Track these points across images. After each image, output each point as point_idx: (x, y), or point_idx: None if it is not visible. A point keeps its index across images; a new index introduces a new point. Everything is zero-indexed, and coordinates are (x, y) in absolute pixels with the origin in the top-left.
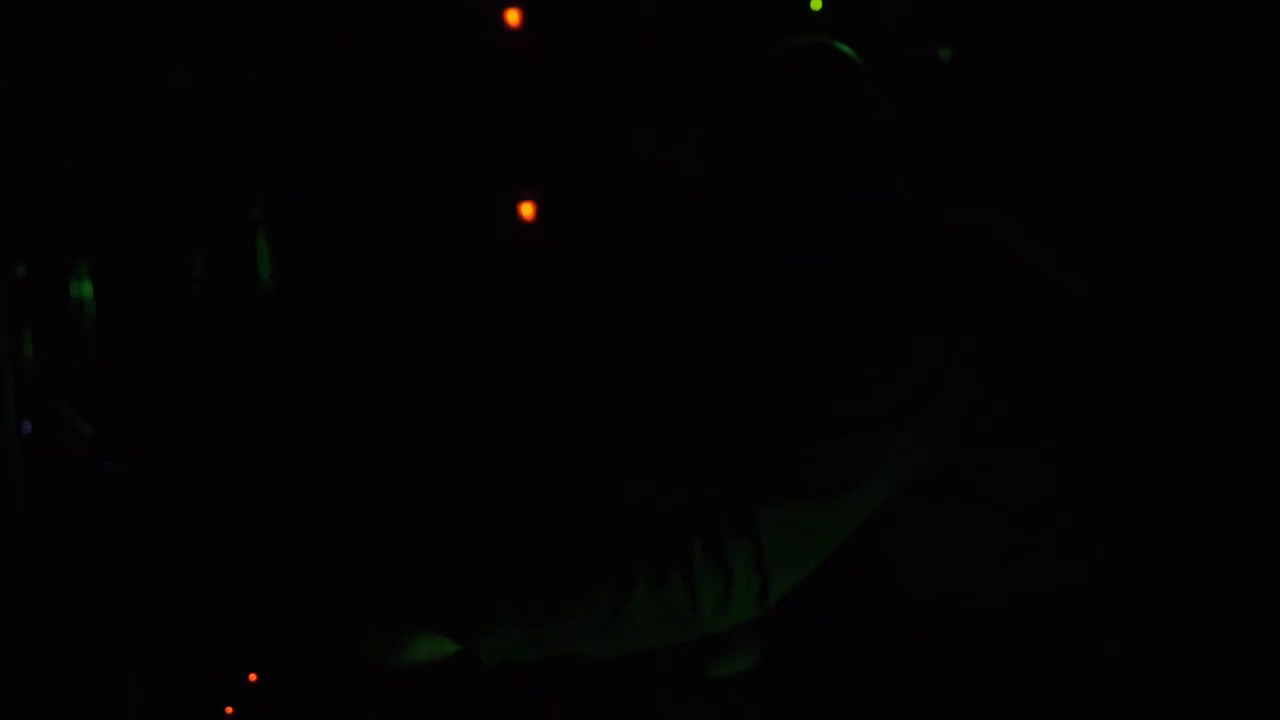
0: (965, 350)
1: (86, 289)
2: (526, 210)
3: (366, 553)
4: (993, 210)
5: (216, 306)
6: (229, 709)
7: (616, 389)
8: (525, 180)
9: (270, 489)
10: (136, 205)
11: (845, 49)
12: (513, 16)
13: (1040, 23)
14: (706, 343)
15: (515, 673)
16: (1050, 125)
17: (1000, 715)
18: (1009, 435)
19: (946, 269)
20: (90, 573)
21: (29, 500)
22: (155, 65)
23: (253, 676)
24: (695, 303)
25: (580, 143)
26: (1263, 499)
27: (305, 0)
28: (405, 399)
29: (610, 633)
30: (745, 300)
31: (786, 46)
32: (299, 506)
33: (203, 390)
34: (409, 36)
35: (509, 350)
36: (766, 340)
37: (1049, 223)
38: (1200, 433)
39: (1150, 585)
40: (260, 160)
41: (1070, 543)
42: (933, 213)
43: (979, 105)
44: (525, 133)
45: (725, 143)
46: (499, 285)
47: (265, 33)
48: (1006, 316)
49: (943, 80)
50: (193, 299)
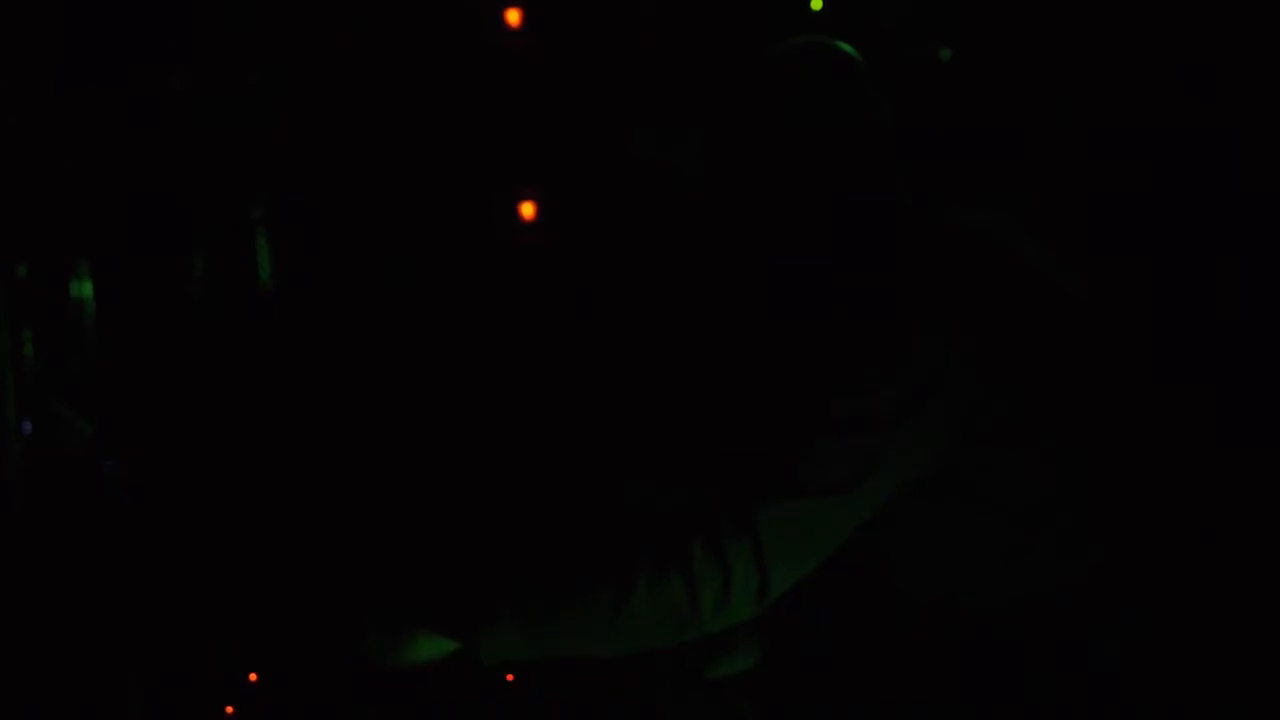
0: (965, 350)
1: (86, 289)
2: (526, 210)
3: (366, 553)
4: (993, 210)
5: (216, 306)
6: (229, 709)
7: (616, 389)
8: (525, 180)
9: (270, 489)
10: (136, 205)
11: (846, 48)
12: (513, 16)
13: (1040, 23)
14: (706, 343)
15: (515, 673)
16: (1050, 125)
17: (1000, 715)
18: (1009, 435)
19: (946, 269)
20: (90, 573)
21: (29, 500)
22: (155, 65)
23: (253, 676)
24: (695, 303)
25: (580, 143)
26: (1263, 499)
27: (305, 0)
28: (405, 399)
29: (610, 632)
30: (745, 300)
31: (786, 46)
32: (299, 506)
33: (203, 390)
34: (409, 37)
35: (509, 350)
36: (766, 340)
37: (1049, 223)
38: (1200, 433)
39: (1150, 585)
40: (260, 160)
41: (1070, 543)
42: (933, 213)
43: (979, 105)
44: (525, 133)
45: (725, 143)
46: (499, 285)
47: (265, 33)
48: (1006, 316)
49: (943, 80)
50: (193, 299)
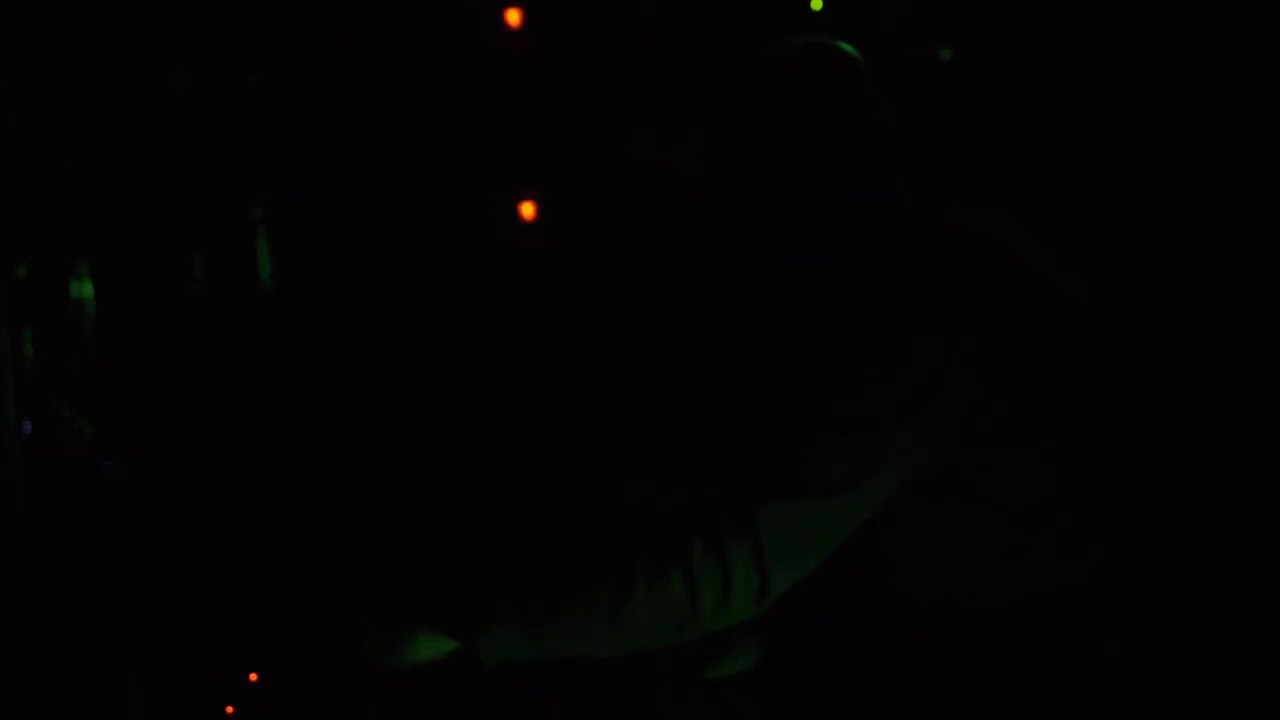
0: (965, 350)
1: (86, 289)
2: (526, 210)
3: (366, 553)
4: (993, 210)
5: (216, 306)
6: (229, 709)
7: (617, 389)
8: (525, 180)
9: (270, 489)
10: (136, 205)
11: (846, 48)
12: (513, 16)
13: (1040, 23)
14: (706, 343)
15: (515, 673)
16: (1050, 125)
17: (1000, 715)
18: (1009, 435)
19: (946, 269)
20: (90, 573)
21: (29, 500)
22: (155, 65)
23: (253, 676)
24: (695, 303)
25: (580, 143)
26: (1263, 499)
27: (305, 0)
28: (405, 399)
29: (610, 632)
30: (745, 300)
31: (786, 46)
32: (299, 507)
33: (203, 390)
34: (409, 36)
35: (509, 350)
36: (766, 340)
37: (1049, 223)
38: (1200, 433)
39: (1150, 585)
40: (260, 160)
41: (1070, 543)
42: (933, 213)
43: (979, 105)
44: (525, 133)
45: (725, 143)
46: (499, 285)
47: (265, 33)
48: (1006, 316)
49: (943, 80)
50: (193, 299)
